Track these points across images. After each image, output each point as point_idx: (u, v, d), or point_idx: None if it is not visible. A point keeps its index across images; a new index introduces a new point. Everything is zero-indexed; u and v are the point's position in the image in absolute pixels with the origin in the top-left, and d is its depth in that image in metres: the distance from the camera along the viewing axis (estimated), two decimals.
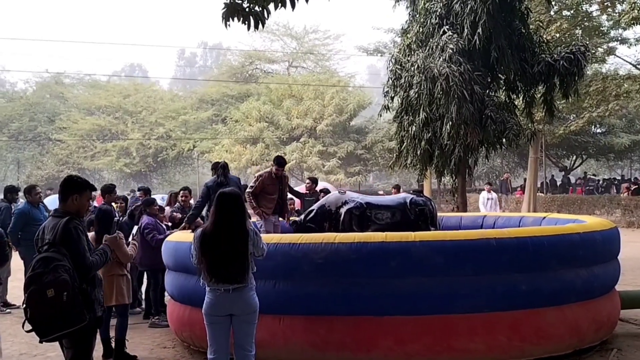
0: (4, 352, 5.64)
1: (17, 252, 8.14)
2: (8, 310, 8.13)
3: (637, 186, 24.64)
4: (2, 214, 8.36)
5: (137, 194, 9.05)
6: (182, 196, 8.75)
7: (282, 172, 7.98)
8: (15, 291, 9.14)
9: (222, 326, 4.21)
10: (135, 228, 6.75)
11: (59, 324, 3.67)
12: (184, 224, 7.03)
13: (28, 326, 3.72)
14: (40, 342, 3.81)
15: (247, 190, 7.75)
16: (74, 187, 4.05)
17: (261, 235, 4.51)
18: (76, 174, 4.49)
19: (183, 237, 5.98)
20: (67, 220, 3.87)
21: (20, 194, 9.58)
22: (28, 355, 6.01)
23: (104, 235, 4.77)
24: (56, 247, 3.77)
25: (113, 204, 8.10)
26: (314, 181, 10.59)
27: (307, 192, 10.34)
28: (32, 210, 8.17)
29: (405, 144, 11.53)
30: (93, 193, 4.54)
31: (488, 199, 14.71)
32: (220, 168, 7.30)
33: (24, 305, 3.66)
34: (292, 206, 12.70)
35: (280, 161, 7.93)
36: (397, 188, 13.02)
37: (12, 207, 8.85)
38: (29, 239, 7.76)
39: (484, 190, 15.82)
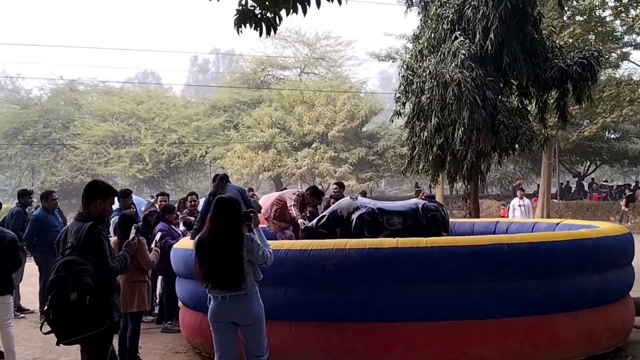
0: (17, 356, 5.69)
1: (32, 258, 8.17)
2: (22, 315, 8.18)
3: (631, 193, 24.44)
4: (15, 218, 8.41)
5: (152, 200, 9.12)
6: (190, 201, 8.83)
7: (314, 203, 8.13)
8: (29, 296, 9.24)
9: (226, 332, 4.21)
10: (159, 235, 6.78)
11: (80, 327, 3.71)
12: (189, 238, 7.02)
13: (46, 328, 3.74)
14: (57, 344, 3.82)
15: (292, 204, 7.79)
16: (98, 192, 4.08)
17: (268, 241, 4.47)
18: (100, 179, 4.54)
19: (192, 244, 5.97)
20: (91, 225, 3.90)
21: (37, 199, 9.65)
22: (41, 359, 6.04)
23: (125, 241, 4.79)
24: (79, 251, 3.80)
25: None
26: (341, 186, 10.37)
27: (334, 197, 10.26)
28: (48, 217, 8.21)
29: (417, 149, 11.50)
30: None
31: (520, 205, 13.81)
32: (219, 180, 7.26)
33: (45, 308, 3.68)
34: (305, 213, 12.70)
35: (319, 194, 8.07)
36: (419, 192, 12.88)
37: (27, 211, 8.91)
38: (44, 244, 7.86)
39: (516, 197, 14.71)
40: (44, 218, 8.16)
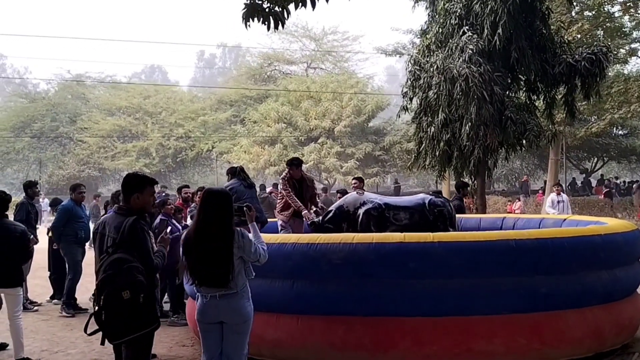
0: (25, 349, 5.73)
1: (60, 248, 8.23)
2: (35, 308, 8.25)
3: (607, 189, 24.28)
4: (19, 209, 8.45)
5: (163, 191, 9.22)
6: (199, 197, 8.84)
7: (300, 174, 7.63)
8: (37, 289, 9.30)
9: (213, 334, 3.98)
10: (169, 228, 6.80)
11: (133, 326, 3.66)
12: None
13: (90, 329, 3.71)
14: (103, 344, 3.77)
15: (281, 188, 7.57)
16: (135, 186, 3.99)
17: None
18: (135, 171, 4.47)
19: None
20: (134, 220, 3.82)
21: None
22: (49, 352, 6.08)
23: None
24: (125, 248, 3.73)
25: None
26: (361, 180, 10.08)
27: (340, 191, 10.24)
28: (75, 208, 8.32)
29: (423, 145, 11.51)
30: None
31: (559, 201, 13.03)
32: (240, 172, 7.27)
33: (96, 308, 3.63)
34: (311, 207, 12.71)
35: (293, 162, 7.61)
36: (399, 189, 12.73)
37: (34, 202, 8.95)
38: (70, 234, 8.07)
39: (552, 193, 13.93)
40: (72, 208, 8.26)
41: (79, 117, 39.18)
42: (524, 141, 11.02)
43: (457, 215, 7.44)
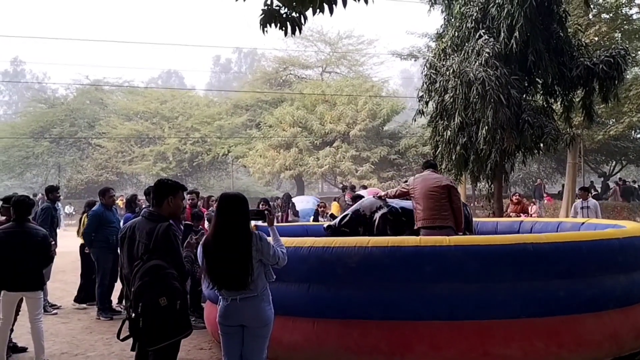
0: (46, 351, 5.81)
1: (91, 253, 8.30)
2: (55, 311, 8.34)
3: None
4: (44, 214, 8.56)
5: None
6: (189, 199, 8.91)
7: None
8: (57, 292, 9.42)
9: (234, 337, 4.01)
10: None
11: (170, 332, 3.71)
12: None
13: (124, 334, 3.76)
14: (133, 349, 3.83)
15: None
16: (168, 190, 4.07)
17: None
18: (166, 177, 4.55)
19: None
20: (167, 226, 3.88)
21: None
22: (69, 354, 6.15)
23: None
24: (158, 254, 3.78)
25: None
26: (353, 188, 10.21)
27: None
28: (106, 213, 8.31)
29: (440, 148, 11.47)
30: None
31: (582, 207, 11.38)
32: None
33: (133, 315, 3.68)
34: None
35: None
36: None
37: (56, 206, 9.05)
38: (102, 240, 8.08)
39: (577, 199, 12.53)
40: (102, 214, 8.26)
41: (97, 122, 39.67)
42: (542, 145, 10.95)
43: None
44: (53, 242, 6.27)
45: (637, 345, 5.53)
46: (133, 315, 3.68)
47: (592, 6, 16.60)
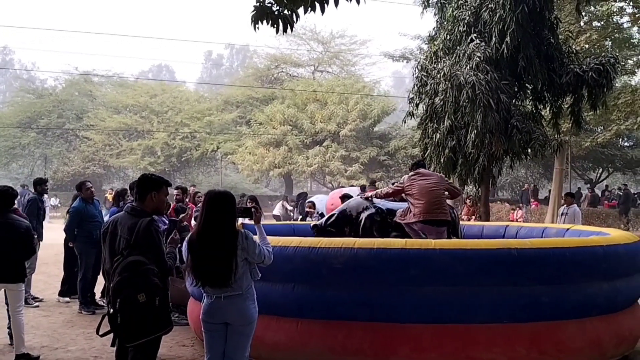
0: (26, 344, 5.75)
1: (74, 247, 8.21)
2: (36, 304, 8.26)
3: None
4: (30, 206, 8.47)
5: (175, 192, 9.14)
6: (175, 195, 8.86)
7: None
8: (40, 284, 9.33)
9: (217, 334, 4.00)
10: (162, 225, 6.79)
11: (149, 328, 3.68)
12: None
13: (103, 330, 3.71)
14: (113, 345, 3.79)
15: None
16: (152, 185, 4.04)
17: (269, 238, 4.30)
18: (150, 172, 4.49)
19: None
20: (149, 222, 3.84)
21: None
22: (49, 348, 6.10)
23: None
24: (139, 250, 3.74)
25: None
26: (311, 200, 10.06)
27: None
28: (87, 207, 8.21)
29: (429, 151, 11.50)
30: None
31: (562, 214, 11.88)
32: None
33: (112, 311, 3.64)
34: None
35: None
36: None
37: (43, 199, 8.96)
38: (84, 234, 8.00)
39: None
40: (83, 209, 8.16)
41: (85, 114, 39.34)
42: (529, 150, 11.00)
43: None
44: (36, 236, 6.21)
45: (618, 352, 5.57)
46: (111, 310, 3.65)
47: (583, 14, 16.71)
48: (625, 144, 30.14)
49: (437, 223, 6.45)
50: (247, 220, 4.45)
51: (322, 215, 10.23)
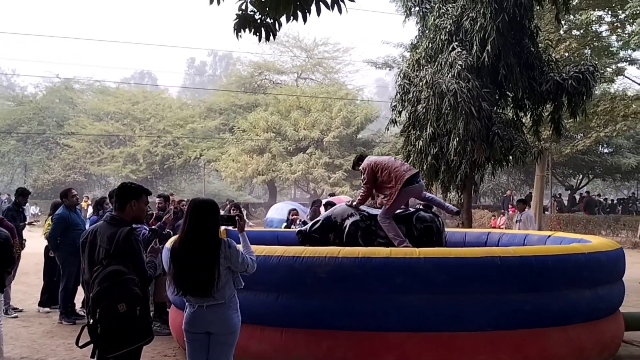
0: (5, 355, 5.65)
1: (56, 257, 8.09)
2: (16, 314, 8.13)
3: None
4: (5, 214, 8.34)
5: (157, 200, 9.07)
6: (157, 203, 8.82)
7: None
8: (19, 295, 9.19)
9: (199, 344, 3.96)
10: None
11: (129, 339, 3.62)
12: None
13: (83, 341, 3.65)
14: (93, 356, 3.71)
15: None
16: (131, 193, 3.98)
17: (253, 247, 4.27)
18: (129, 181, 4.42)
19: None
20: (129, 231, 3.80)
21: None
22: (29, 359, 6.01)
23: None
24: (119, 259, 3.69)
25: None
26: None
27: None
28: (71, 215, 8.14)
29: (411, 158, 11.52)
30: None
31: (517, 220, 12.22)
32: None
33: (92, 321, 3.58)
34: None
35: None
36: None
37: (21, 209, 8.86)
38: (68, 243, 7.83)
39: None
40: (67, 217, 8.07)
41: (66, 122, 38.88)
42: (511, 157, 11.07)
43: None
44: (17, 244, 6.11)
45: (600, 359, 5.62)
46: (91, 321, 3.60)
47: (563, 22, 16.91)
48: (605, 150, 30.51)
49: (415, 178, 6.63)
50: (230, 228, 4.42)
51: (304, 223, 10.18)
